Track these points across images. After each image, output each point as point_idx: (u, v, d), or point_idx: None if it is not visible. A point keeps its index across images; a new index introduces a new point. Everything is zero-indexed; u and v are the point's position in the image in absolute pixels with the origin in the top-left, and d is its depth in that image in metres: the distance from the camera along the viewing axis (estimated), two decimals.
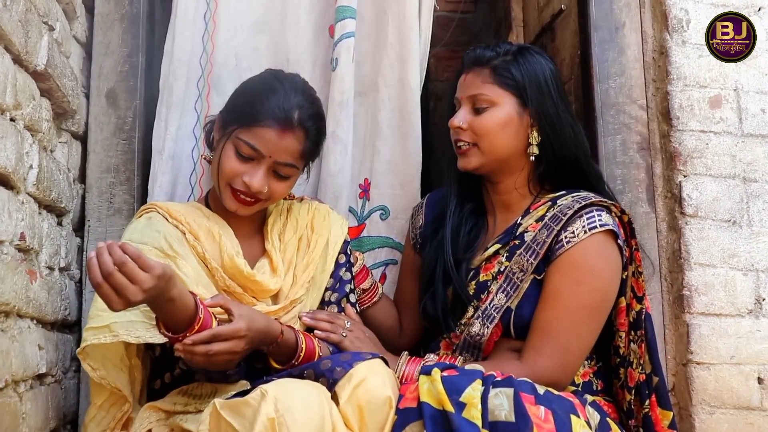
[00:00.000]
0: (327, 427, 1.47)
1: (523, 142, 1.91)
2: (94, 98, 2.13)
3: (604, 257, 1.81)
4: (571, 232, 1.80)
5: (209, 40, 2.21)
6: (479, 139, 1.90)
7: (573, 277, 1.79)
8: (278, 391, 1.46)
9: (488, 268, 1.90)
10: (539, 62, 1.93)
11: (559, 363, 1.78)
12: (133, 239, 1.75)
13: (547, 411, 1.50)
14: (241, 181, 1.80)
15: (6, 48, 1.54)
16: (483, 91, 1.91)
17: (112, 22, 2.15)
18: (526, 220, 1.90)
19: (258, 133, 1.79)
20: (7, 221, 1.52)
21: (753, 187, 2.16)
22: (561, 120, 1.91)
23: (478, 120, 1.90)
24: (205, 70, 2.19)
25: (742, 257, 2.11)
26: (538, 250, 1.82)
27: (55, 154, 1.90)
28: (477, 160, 1.92)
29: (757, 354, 2.07)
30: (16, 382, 1.58)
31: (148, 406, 1.74)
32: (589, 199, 1.85)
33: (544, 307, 1.80)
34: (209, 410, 1.53)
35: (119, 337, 1.66)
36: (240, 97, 1.89)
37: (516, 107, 1.90)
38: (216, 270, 1.81)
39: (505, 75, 1.90)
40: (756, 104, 2.20)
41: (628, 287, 1.86)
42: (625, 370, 1.85)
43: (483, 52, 1.95)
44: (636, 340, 1.86)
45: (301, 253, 1.93)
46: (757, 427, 2.04)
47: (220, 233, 1.84)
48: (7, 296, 1.51)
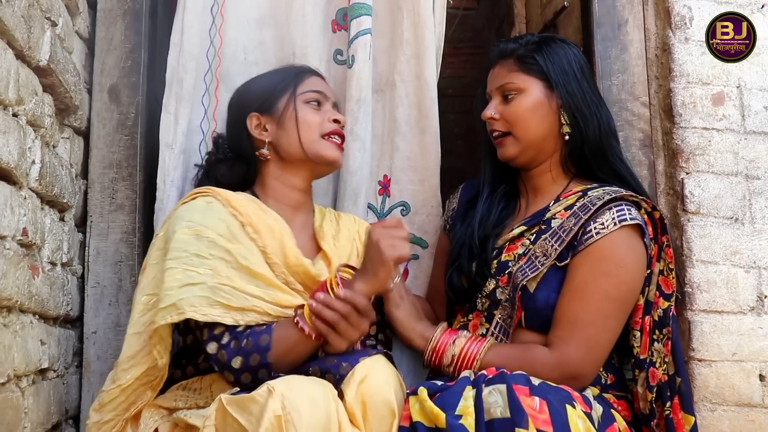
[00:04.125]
0: (333, 424, 1.47)
1: (554, 125, 1.94)
2: (96, 94, 2.13)
3: (633, 251, 1.81)
4: (601, 223, 1.81)
5: (217, 34, 2.20)
6: (512, 127, 1.94)
7: (601, 269, 1.78)
8: (285, 388, 1.46)
9: (511, 249, 1.91)
10: (562, 47, 1.98)
11: (587, 353, 1.77)
12: (194, 220, 1.75)
13: (542, 401, 1.50)
14: (331, 123, 1.93)
15: (9, 43, 1.54)
16: (509, 80, 1.95)
17: (115, 17, 2.16)
18: (555, 207, 1.91)
19: (313, 82, 1.97)
20: (9, 216, 1.53)
21: (755, 184, 2.16)
22: (587, 100, 1.94)
23: (508, 108, 1.95)
24: (212, 64, 2.19)
25: (745, 254, 2.11)
26: (564, 237, 1.82)
27: (57, 149, 1.90)
28: (514, 149, 1.95)
29: (758, 351, 2.07)
30: (18, 377, 1.58)
31: (149, 404, 1.74)
32: (619, 192, 1.86)
33: (572, 298, 1.79)
34: (215, 405, 1.53)
35: (185, 314, 1.65)
36: (267, 80, 1.99)
37: (543, 90, 1.94)
38: (276, 265, 1.78)
39: (529, 62, 1.95)
40: (759, 101, 2.20)
41: (652, 284, 1.86)
42: (646, 371, 1.83)
43: (506, 44, 2.01)
44: (661, 339, 1.85)
45: (352, 261, 1.92)
46: (758, 424, 2.04)
47: (281, 230, 1.82)
48: (10, 291, 1.52)
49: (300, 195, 1.95)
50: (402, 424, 1.56)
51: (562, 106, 1.93)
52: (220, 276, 1.69)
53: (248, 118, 1.95)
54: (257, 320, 1.69)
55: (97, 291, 2.06)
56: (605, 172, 1.95)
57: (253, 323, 1.69)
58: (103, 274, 2.07)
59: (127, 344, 1.75)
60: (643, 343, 1.84)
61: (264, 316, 1.70)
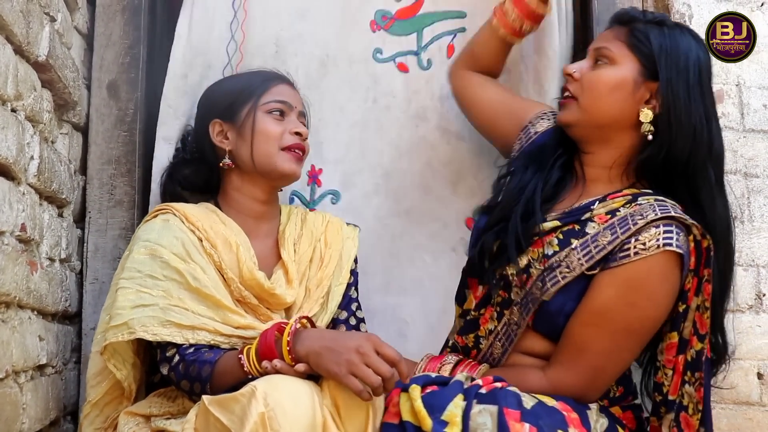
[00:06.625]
0: (318, 420, 1.46)
1: (629, 115, 1.70)
2: (95, 89, 2.12)
3: (668, 282, 1.62)
4: (642, 243, 1.60)
5: (239, 28, 2.20)
6: (582, 93, 1.74)
7: (629, 299, 1.61)
8: (268, 386, 1.46)
9: (538, 245, 1.71)
10: (688, 40, 1.72)
11: (588, 382, 1.65)
12: (150, 239, 1.75)
13: (531, 428, 1.44)
14: (292, 135, 1.87)
15: (7, 38, 1.53)
16: (607, 45, 1.74)
17: (114, 13, 2.15)
18: (598, 208, 1.70)
19: (279, 91, 1.91)
20: (8, 212, 1.52)
21: (754, 182, 2.16)
22: (689, 109, 1.67)
23: (591, 73, 1.74)
24: (233, 60, 2.18)
25: (743, 252, 2.11)
26: (595, 255, 1.63)
27: (56, 145, 1.89)
28: (574, 116, 1.75)
29: (757, 349, 2.07)
30: (17, 373, 1.58)
31: (125, 412, 1.74)
32: (668, 211, 1.62)
33: (588, 322, 1.63)
34: (195, 410, 1.53)
35: (136, 333, 1.66)
36: (233, 85, 1.94)
37: (636, 74, 1.70)
38: (232, 280, 1.77)
39: (639, 38, 1.71)
40: (758, 99, 2.20)
41: (688, 321, 1.65)
42: (676, 413, 1.66)
43: (629, 11, 1.80)
44: (693, 383, 1.66)
45: (314, 267, 1.91)
46: (756, 422, 2.04)
47: (237, 243, 1.81)
48: (8, 287, 1.51)
49: (262, 206, 1.92)
50: (390, 420, 1.53)
51: (650, 101, 1.70)
52: (171, 297, 1.69)
53: (211, 123, 1.91)
54: (208, 339, 1.69)
55: (95, 287, 2.05)
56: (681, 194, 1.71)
57: (203, 342, 1.68)
58: (101, 270, 2.06)
59: (92, 361, 1.79)
60: (674, 384, 1.66)
61: (215, 334, 1.70)
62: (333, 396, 1.51)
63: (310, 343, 1.54)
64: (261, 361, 1.56)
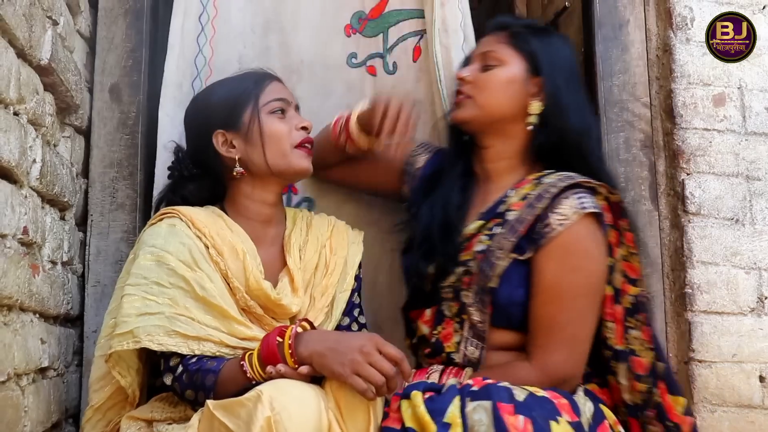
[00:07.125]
0: (323, 424, 1.46)
1: (521, 108, 1.85)
2: (97, 93, 2.13)
3: (596, 241, 1.74)
4: (561, 214, 1.73)
5: (207, 44, 2.20)
6: (478, 92, 1.86)
7: (569, 265, 1.72)
8: (273, 391, 1.45)
9: (470, 247, 1.81)
10: (560, 41, 1.93)
11: (569, 355, 1.72)
12: (157, 245, 1.72)
13: (526, 420, 1.47)
14: (299, 131, 1.85)
15: (10, 42, 1.54)
16: (494, 49, 1.88)
17: (116, 17, 2.16)
18: (511, 198, 1.81)
19: (274, 89, 1.88)
20: (10, 215, 1.53)
21: (756, 185, 2.16)
22: (569, 98, 1.85)
23: (483, 75, 1.87)
24: (202, 73, 2.18)
25: (745, 255, 2.11)
26: (519, 229, 1.74)
27: (58, 148, 1.90)
28: (470, 112, 1.87)
29: (758, 352, 2.07)
30: (19, 376, 1.58)
31: (127, 416, 1.73)
32: (573, 179, 1.77)
33: (545, 300, 1.73)
34: (198, 416, 1.53)
35: (141, 343, 1.64)
36: (225, 92, 1.88)
37: (523, 71, 1.85)
38: (238, 290, 1.74)
39: (521, 39, 1.88)
40: (760, 102, 2.20)
41: (617, 272, 1.79)
42: (627, 361, 1.77)
43: (506, 18, 1.98)
44: (638, 326, 1.78)
45: (319, 274, 1.88)
46: (758, 426, 2.04)
47: (244, 251, 1.78)
48: (10, 290, 1.51)
49: (271, 209, 1.89)
50: (392, 425, 1.54)
51: (537, 94, 1.84)
52: (177, 306, 1.67)
53: (214, 135, 1.85)
54: (213, 351, 1.67)
55: (97, 290, 2.06)
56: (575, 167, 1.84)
57: (208, 353, 1.67)
58: (103, 273, 2.06)
59: (95, 366, 1.78)
60: (617, 334, 1.78)
61: (220, 345, 1.68)
62: (335, 397, 1.51)
63: (313, 345, 1.55)
64: (264, 366, 1.57)
